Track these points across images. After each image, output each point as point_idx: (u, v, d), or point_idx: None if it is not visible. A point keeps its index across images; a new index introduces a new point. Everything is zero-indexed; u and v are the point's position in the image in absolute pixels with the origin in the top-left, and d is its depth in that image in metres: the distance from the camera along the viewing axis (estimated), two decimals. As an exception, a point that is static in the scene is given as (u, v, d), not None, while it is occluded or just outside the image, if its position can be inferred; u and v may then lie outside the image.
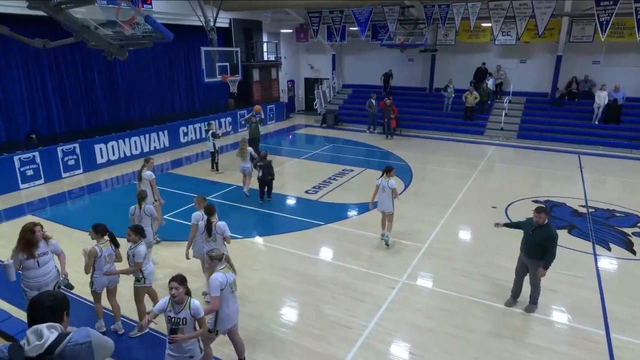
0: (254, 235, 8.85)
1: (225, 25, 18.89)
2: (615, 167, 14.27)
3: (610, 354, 5.36)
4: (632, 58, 17.42)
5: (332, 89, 23.59)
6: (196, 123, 17.33)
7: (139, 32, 8.43)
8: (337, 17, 19.54)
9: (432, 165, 14.20)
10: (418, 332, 5.80)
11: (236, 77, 14.66)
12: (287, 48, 23.77)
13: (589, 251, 8.13)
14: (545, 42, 18.15)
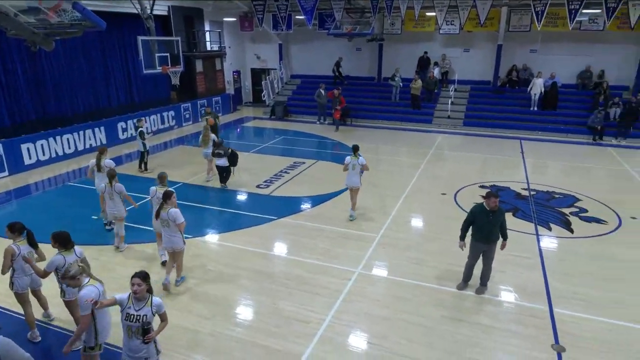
0: (205, 234, 8.64)
1: (163, 12, 18.13)
2: (553, 151, 15.32)
3: (554, 328, 5.78)
4: (566, 46, 18.69)
5: (280, 79, 23.41)
6: (135, 118, 16.56)
7: (67, 20, 7.91)
8: (282, 5, 19.31)
9: (383, 155, 14.53)
10: (375, 321, 5.95)
11: (178, 68, 14.16)
12: (231, 37, 23.24)
13: (532, 232, 8.69)
14: (486, 32, 19.05)
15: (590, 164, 13.90)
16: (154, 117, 17.42)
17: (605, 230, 8.82)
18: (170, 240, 6.39)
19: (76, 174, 12.57)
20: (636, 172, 12.72)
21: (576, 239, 8.48)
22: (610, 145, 16.01)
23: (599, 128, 16.41)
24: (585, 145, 16.17)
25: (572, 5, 14.95)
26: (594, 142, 16.42)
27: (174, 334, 5.61)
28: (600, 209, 9.86)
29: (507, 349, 5.43)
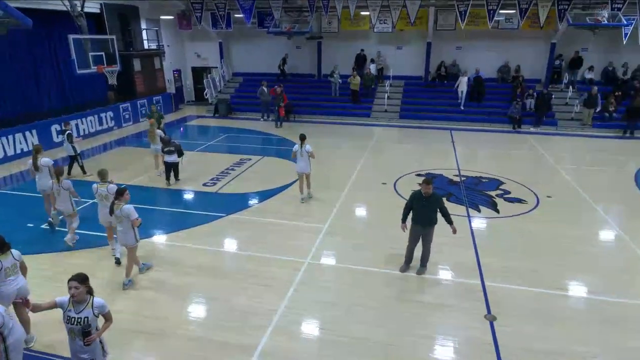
0: (153, 235, 8.29)
1: (95, 10, 17.00)
2: (479, 140, 16.28)
3: (486, 300, 6.19)
4: (487, 44, 19.85)
5: (222, 77, 22.84)
6: (71, 120, 15.46)
7: (-12, 17, 7.21)
8: (220, 4, 18.81)
9: (326, 149, 14.65)
10: (326, 307, 6.04)
11: (114, 68, 13.40)
12: (170, 36, 22.28)
13: (464, 214, 9.20)
14: (417, 30, 19.76)
15: (512, 150, 14.93)
16: (91, 119, 16.37)
17: (526, 209, 9.54)
18: (124, 237, 6.38)
19: (7, 180, 11.54)
20: (550, 156, 13.84)
21: (502, 218, 9.10)
22: (528, 132, 17.28)
23: (517, 117, 17.65)
24: (507, 133, 17.33)
25: (490, 6, 15.90)
26: (514, 130, 17.64)
27: (127, 338, 5.37)
28: (521, 190, 10.64)
29: (448, 322, 5.74)
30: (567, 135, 16.97)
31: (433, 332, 5.55)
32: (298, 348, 5.26)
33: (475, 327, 5.62)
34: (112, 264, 7.15)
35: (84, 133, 15.84)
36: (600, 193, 10.51)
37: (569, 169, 12.48)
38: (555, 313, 5.92)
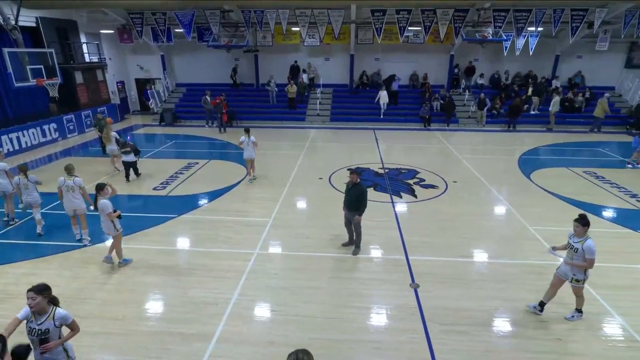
0: (106, 240, 7.68)
1: (31, 24, 15.27)
2: (397, 137, 17.02)
3: (410, 271, 6.54)
4: (400, 56, 20.75)
5: (166, 88, 21.66)
6: (12, 132, 13.86)
7: None
8: (160, 19, 17.81)
9: (267, 150, 14.51)
10: (276, 292, 6.02)
11: (55, 80, 12.17)
12: (111, 49, 20.65)
13: (388, 201, 9.60)
14: (341, 44, 20.14)
15: (424, 144, 15.80)
16: (32, 131, 14.74)
17: (437, 193, 10.17)
18: (105, 226, 6.49)
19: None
20: (454, 149, 14.85)
21: (419, 202, 9.63)
22: (436, 129, 18.38)
23: (427, 117, 18.70)
24: (419, 130, 18.30)
25: (401, 24, 16.63)
26: (425, 128, 18.68)
27: (86, 341, 4.95)
28: (433, 178, 11.32)
29: (380, 293, 5.98)
30: (466, 130, 18.30)
31: (368, 303, 5.75)
32: (252, 330, 5.20)
33: (403, 295, 5.92)
34: (67, 272, 6.54)
35: (26, 145, 14.26)
36: (494, 177, 11.50)
37: (469, 158, 13.48)
38: (464, 277, 6.40)
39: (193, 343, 4.92)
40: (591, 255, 4.83)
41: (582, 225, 4.93)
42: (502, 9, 16.16)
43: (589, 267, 4.93)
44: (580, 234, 4.97)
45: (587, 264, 4.90)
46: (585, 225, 4.93)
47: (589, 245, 4.84)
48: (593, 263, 4.89)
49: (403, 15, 16.41)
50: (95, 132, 14.66)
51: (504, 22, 16.43)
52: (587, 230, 4.97)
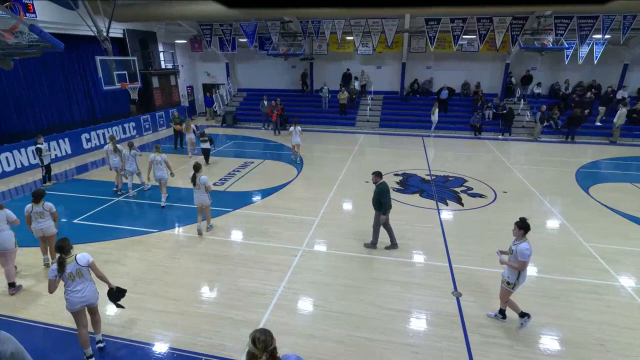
0: (171, 227, 8.24)
1: (119, 35, 16.81)
2: (446, 145, 16.39)
3: (453, 279, 6.26)
4: (453, 64, 19.99)
5: (229, 93, 22.72)
6: (99, 129, 15.32)
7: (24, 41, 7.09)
8: (227, 30, 18.77)
9: (317, 153, 14.67)
10: (318, 287, 6.06)
11: (135, 85, 13.20)
12: (183, 57, 22.10)
13: (434, 207, 9.28)
14: (393, 52, 19.83)
15: (473, 153, 15.06)
16: (115, 128, 16.18)
17: (485, 203, 9.64)
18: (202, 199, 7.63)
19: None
20: (505, 158, 14.00)
21: (466, 210, 9.19)
22: (487, 138, 17.44)
23: (478, 126, 17.81)
24: (469, 139, 17.48)
25: (455, 32, 16.03)
26: (475, 136, 17.80)
27: (148, 317, 5.35)
28: (482, 187, 10.75)
29: (421, 298, 5.79)
30: (519, 140, 17.17)
31: (408, 307, 5.59)
32: (295, 322, 5.27)
33: (444, 302, 5.68)
34: (136, 254, 7.09)
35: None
36: (547, 188, 10.67)
37: (521, 169, 12.63)
38: (509, 289, 5.99)
39: (241, 328, 5.10)
40: (522, 257, 4.70)
41: (519, 229, 4.79)
42: (564, 16, 14.98)
43: (520, 269, 4.80)
44: (518, 236, 4.81)
45: (517, 266, 4.77)
46: (522, 229, 4.77)
47: (522, 248, 4.70)
48: (523, 266, 4.76)
49: (458, 23, 15.82)
50: (170, 129, 15.84)
51: (567, 30, 15.21)
52: (524, 234, 4.78)
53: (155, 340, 4.91)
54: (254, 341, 2.35)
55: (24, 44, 7.12)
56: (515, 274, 4.88)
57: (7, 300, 5.73)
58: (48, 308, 5.55)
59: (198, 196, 7.61)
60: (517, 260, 4.76)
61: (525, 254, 4.69)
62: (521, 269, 4.80)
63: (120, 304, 4.87)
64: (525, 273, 4.89)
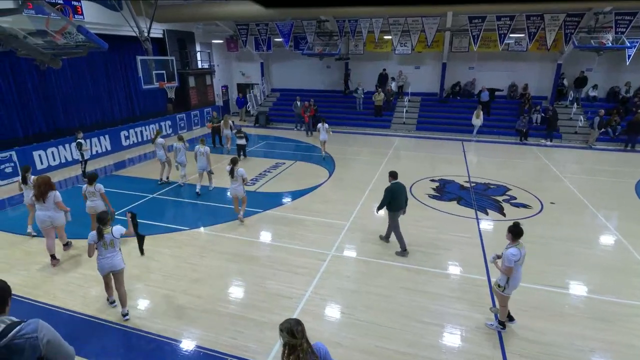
0: (200, 226, 8.51)
1: (159, 35, 17.65)
2: (488, 150, 15.80)
3: (491, 294, 5.99)
4: (497, 64, 19.28)
5: (263, 93, 23.20)
6: (137, 127, 16.13)
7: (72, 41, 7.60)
8: (262, 29, 19.19)
9: (350, 156, 14.62)
10: (347, 294, 6.01)
11: (173, 84, 13.82)
12: (219, 56, 22.85)
13: (472, 217, 8.95)
14: (433, 52, 19.42)
15: (518, 160, 14.41)
16: (152, 126, 16.96)
17: (530, 214, 9.18)
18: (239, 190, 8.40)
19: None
20: (554, 166, 13.28)
21: (508, 221, 8.78)
22: (533, 144, 16.64)
23: (524, 130, 17.03)
24: (514, 144, 16.75)
25: (501, 31, 15.45)
26: (521, 142, 17.03)
27: (172, 312, 5.54)
28: (527, 196, 10.25)
29: (455, 312, 5.59)
30: (570, 147, 16.24)
31: (441, 320, 5.42)
32: (321, 328, 5.26)
33: (478, 317, 5.45)
34: (167, 250, 7.38)
35: (147, 138, 16.45)
36: (602, 200, 10.00)
37: (572, 178, 11.93)
38: (555, 309, 5.66)
39: (265, 331, 5.16)
40: (507, 263, 4.80)
41: (508, 232, 4.91)
42: (626, 13, 14.01)
43: (505, 274, 4.90)
44: (509, 240, 4.92)
45: (503, 270, 4.89)
46: (510, 233, 4.86)
47: (508, 253, 4.81)
48: (508, 271, 4.84)
49: (504, 21, 15.24)
50: (204, 128, 16.46)
51: (629, 27, 14.22)
52: (514, 239, 4.84)
53: (182, 337, 5.07)
54: (291, 332, 2.61)
55: (71, 44, 7.65)
56: (504, 277, 4.96)
57: (47, 288, 6.13)
58: (86, 299, 5.89)
59: (234, 188, 8.32)
60: (504, 265, 4.86)
61: (511, 259, 4.77)
62: (506, 274, 4.90)
63: (142, 249, 5.83)
64: (516, 279, 4.94)
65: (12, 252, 7.30)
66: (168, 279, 6.39)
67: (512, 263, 4.76)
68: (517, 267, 4.86)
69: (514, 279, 4.92)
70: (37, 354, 2.16)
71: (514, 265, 4.78)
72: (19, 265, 6.81)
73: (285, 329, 2.62)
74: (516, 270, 4.85)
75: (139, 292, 6.07)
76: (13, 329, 2.12)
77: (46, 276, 6.49)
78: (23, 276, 6.46)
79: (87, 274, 6.53)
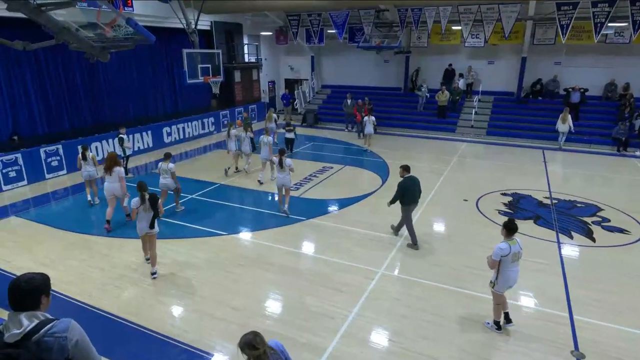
0: (239, 232, 8.79)
1: (206, 27, 18.61)
2: (576, 161, 14.74)
3: (574, 335, 5.55)
4: (590, 59, 17.99)
5: (312, 89, 23.56)
6: (179, 123, 17.09)
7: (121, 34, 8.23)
8: (315, 20, 19.52)
9: (407, 161, 14.27)
10: (395, 319, 5.88)
11: (218, 79, 14.44)
12: (267, 50, 23.60)
13: (553, 239, 8.38)
14: (511, 44, 18.56)
15: (614, 174, 13.29)
16: (195, 123, 17.88)
17: (629, 240, 8.41)
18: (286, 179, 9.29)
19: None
20: (661, 184, 12.06)
21: (598, 248, 8.12)
22: (634, 156, 15.26)
23: (623, 139, 15.67)
24: (609, 155, 15.47)
25: (597, 19, 14.40)
26: (618, 152, 15.69)
27: (207, 324, 5.75)
28: (624, 219, 9.41)
29: (526, 352, 5.24)
30: (685, 161, 14.67)
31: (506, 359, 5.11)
32: (366, 356, 5.18)
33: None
34: (203, 255, 7.70)
35: (189, 135, 17.35)
36: None
37: (685, 200, 10.75)
38: (658, 360, 5.11)
39: (303, 352, 5.18)
40: (493, 256, 5.25)
41: (502, 227, 5.38)
42: None
43: (489, 266, 5.37)
44: (503, 236, 5.35)
45: (489, 263, 5.35)
46: (505, 228, 5.32)
47: (497, 246, 5.26)
48: (490, 263, 5.32)
49: (602, 8, 14.17)
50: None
51: None
52: (507, 234, 5.27)
53: (215, 350, 5.25)
54: (252, 346, 2.92)
55: (120, 36, 8.30)
56: (494, 273, 5.39)
57: (85, 286, 6.66)
58: (119, 299, 6.31)
59: (282, 177, 9.17)
60: (491, 259, 5.30)
61: (497, 253, 5.21)
62: (491, 267, 5.37)
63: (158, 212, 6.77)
64: (507, 277, 5.30)
65: (53, 245, 8.03)
66: (202, 285, 6.65)
67: (498, 257, 5.20)
68: (508, 265, 5.24)
69: (504, 276, 5.30)
70: (65, 354, 2.33)
71: (503, 261, 5.21)
72: (58, 260, 7.46)
73: (246, 345, 2.92)
74: (507, 267, 5.25)
75: (172, 298, 6.38)
76: (45, 326, 2.31)
77: (82, 273, 7.04)
78: (60, 271, 7.06)
79: (124, 274, 7.00)
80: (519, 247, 5.27)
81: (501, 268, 5.24)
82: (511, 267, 5.27)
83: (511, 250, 5.18)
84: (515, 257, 5.25)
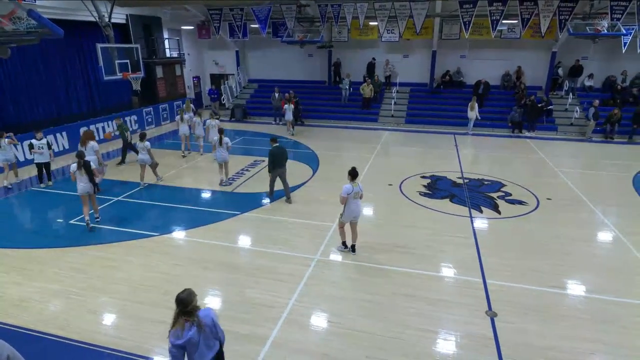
0: (172, 231, 8.37)
1: (122, 21, 17.24)
2: (482, 144, 16.11)
3: (487, 297, 6.12)
4: (490, 53, 19.66)
5: (239, 84, 22.97)
6: (98, 122, 15.72)
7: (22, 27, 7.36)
8: (237, 15, 18.96)
9: (335, 152, 14.65)
10: (334, 302, 6.03)
11: (138, 75, 13.55)
12: (190, 44, 22.50)
13: (466, 215, 9.12)
14: (422, 39, 19.67)
15: (513, 154, 14.75)
16: (115, 122, 16.54)
17: (526, 211, 9.42)
18: None
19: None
20: (550, 160, 13.64)
21: (503, 219, 8.99)
22: (528, 137, 17.05)
23: (518, 122, 17.42)
24: (508, 137, 17.13)
25: (493, 17, 15.75)
26: (514, 134, 17.42)
27: (146, 329, 5.44)
28: (522, 192, 10.51)
29: (450, 317, 5.68)
30: (566, 140, 16.72)
31: (435, 327, 5.50)
32: (307, 339, 5.26)
33: (476, 322, 5.56)
34: (135, 259, 7.23)
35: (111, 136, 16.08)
36: (599, 196, 10.33)
37: (568, 173, 12.28)
38: (554, 311, 5.82)
39: (246, 344, 5.12)
40: (342, 193, 6.86)
41: (348, 175, 6.98)
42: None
43: (340, 201, 6.97)
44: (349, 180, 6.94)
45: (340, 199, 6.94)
46: (349, 175, 6.95)
47: (343, 187, 6.85)
48: (341, 199, 6.93)
49: (497, 7, 15.52)
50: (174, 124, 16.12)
51: (624, 13, 14.71)
52: (352, 179, 6.90)
53: (154, 354, 4.98)
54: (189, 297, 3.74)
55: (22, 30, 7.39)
56: (343, 207, 7.00)
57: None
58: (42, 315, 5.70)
59: (222, 153, 10.41)
60: (340, 195, 6.87)
61: (345, 191, 6.79)
62: (340, 202, 6.96)
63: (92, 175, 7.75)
64: (351, 210, 6.94)
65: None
66: (136, 290, 6.26)
67: (345, 194, 6.76)
68: (351, 201, 6.82)
69: (349, 209, 6.91)
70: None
71: (348, 198, 6.78)
72: (-35, 280, 6.55)
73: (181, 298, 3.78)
74: (350, 202, 6.82)
75: (102, 306, 5.93)
76: None
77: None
78: (-30, 292, 6.21)
79: (45, 287, 6.34)
80: (359, 188, 6.87)
81: (346, 203, 6.82)
82: (354, 202, 6.86)
83: (353, 190, 6.78)
84: (357, 195, 6.84)
